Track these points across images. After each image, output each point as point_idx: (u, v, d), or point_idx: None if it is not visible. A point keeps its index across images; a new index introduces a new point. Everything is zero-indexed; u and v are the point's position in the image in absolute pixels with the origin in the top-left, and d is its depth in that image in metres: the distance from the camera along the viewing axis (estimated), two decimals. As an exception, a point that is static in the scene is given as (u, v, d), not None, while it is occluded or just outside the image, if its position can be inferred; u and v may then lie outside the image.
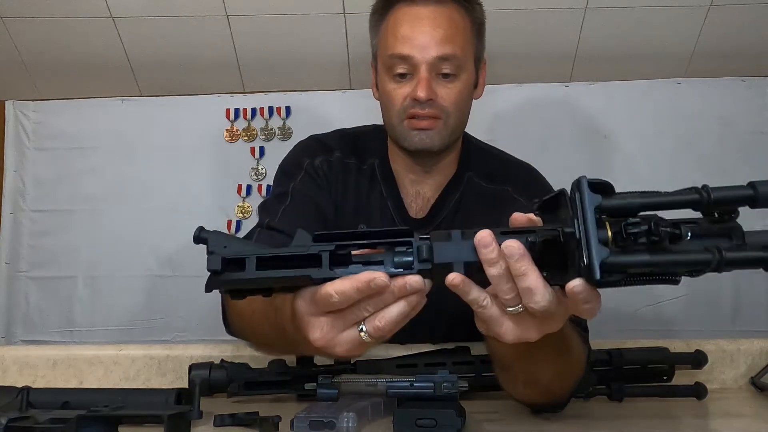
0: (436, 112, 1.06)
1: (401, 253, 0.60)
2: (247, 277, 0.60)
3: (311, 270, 0.59)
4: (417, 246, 0.59)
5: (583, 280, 0.54)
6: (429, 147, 1.08)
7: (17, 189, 2.09)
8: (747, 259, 0.53)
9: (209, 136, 2.07)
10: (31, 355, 1.12)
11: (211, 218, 2.04)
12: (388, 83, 1.09)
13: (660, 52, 1.95)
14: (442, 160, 1.15)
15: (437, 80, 1.06)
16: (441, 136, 1.08)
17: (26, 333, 2.05)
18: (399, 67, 1.07)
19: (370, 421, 0.80)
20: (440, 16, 1.06)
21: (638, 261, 0.52)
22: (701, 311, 1.94)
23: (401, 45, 1.05)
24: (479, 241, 0.57)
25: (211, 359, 1.00)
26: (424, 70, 1.05)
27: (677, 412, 0.91)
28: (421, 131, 1.07)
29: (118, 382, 1.08)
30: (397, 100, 1.08)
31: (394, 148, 1.17)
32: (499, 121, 2.02)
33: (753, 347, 1.08)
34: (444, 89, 1.06)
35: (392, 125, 1.11)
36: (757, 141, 1.99)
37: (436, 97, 1.05)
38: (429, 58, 1.04)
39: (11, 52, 1.97)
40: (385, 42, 1.09)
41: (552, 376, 0.80)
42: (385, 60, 1.09)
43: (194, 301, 1.97)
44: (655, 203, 0.53)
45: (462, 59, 1.07)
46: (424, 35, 1.05)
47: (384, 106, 1.13)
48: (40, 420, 0.74)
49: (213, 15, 1.87)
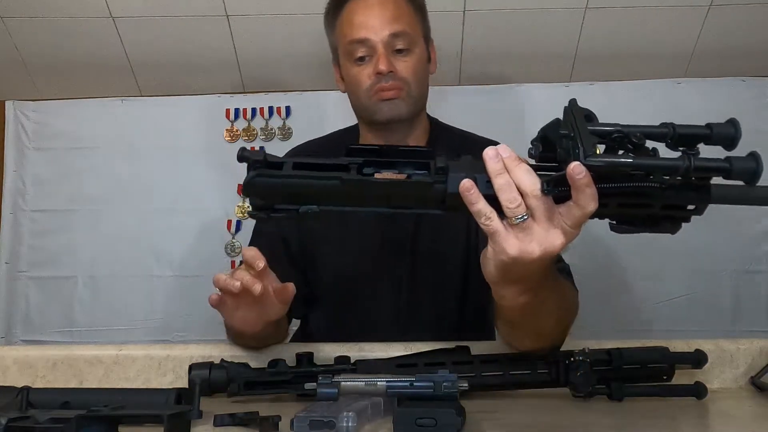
0: (398, 84, 1.21)
1: (420, 176, 0.66)
2: (283, 174, 0.66)
3: (342, 173, 0.65)
4: (436, 166, 0.65)
5: (580, 162, 0.60)
6: (398, 115, 1.22)
7: (17, 189, 2.10)
8: (711, 167, 0.60)
9: (209, 136, 2.07)
10: (31, 355, 1.12)
11: (211, 218, 2.04)
12: (351, 68, 1.24)
13: (660, 52, 1.95)
14: (412, 133, 1.28)
15: (394, 56, 1.21)
16: (407, 103, 1.22)
17: (26, 333, 2.05)
18: (359, 51, 1.22)
19: (370, 420, 0.80)
20: (386, 2, 1.22)
21: (622, 162, 0.60)
22: (701, 311, 1.94)
23: (357, 31, 1.21)
24: (486, 154, 0.66)
25: (211, 359, 1.00)
26: (381, 47, 1.20)
27: (677, 411, 0.91)
28: (389, 101, 1.21)
29: (118, 382, 1.08)
30: (363, 80, 1.22)
31: (366, 132, 1.30)
32: (499, 121, 2.02)
33: (753, 347, 1.08)
34: (401, 63, 1.21)
35: (362, 104, 1.25)
36: (757, 141, 1.95)
37: (396, 69, 1.20)
38: (383, 36, 1.20)
39: (11, 52, 1.97)
40: (342, 33, 1.24)
41: (554, 325, 0.90)
42: (345, 48, 1.24)
43: (194, 301, 1.98)
44: (631, 131, 0.61)
45: (412, 35, 1.23)
46: (376, 18, 1.21)
47: (352, 90, 1.26)
48: (40, 420, 0.74)
49: (213, 15, 1.87)
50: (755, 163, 0.61)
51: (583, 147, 0.59)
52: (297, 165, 0.66)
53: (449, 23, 1.87)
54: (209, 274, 1.29)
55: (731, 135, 0.62)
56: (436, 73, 1.57)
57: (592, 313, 1.95)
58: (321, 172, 0.66)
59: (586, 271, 1.91)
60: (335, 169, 0.66)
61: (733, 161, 0.61)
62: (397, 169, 0.67)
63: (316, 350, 1.02)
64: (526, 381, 0.96)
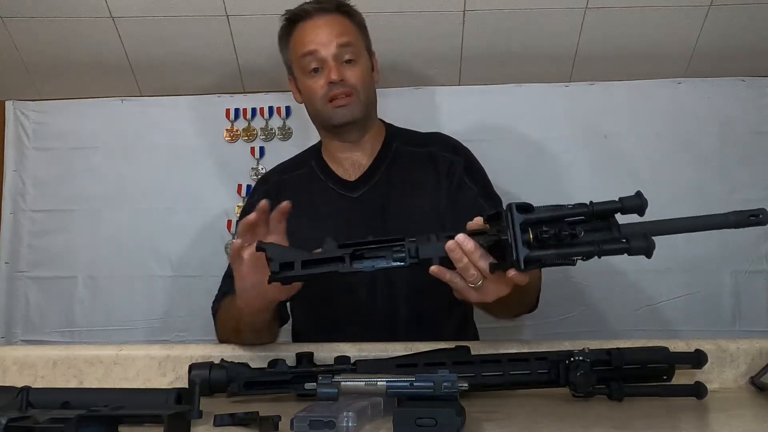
0: (348, 90, 1.35)
1: (398, 251, 0.89)
2: (296, 273, 0.89)
3: (338, 266, 0.89)
4: (408, 247, 0.89)
5: (515, 270, 0.82)
6: (351, 118, 1.37)
7: (17, 189, 2.09)
8: (615, 249, 0.79)
9: (209, 136, 2.07)
10: (31, 355, 1.12)
11: (211, 218, 2.04)
12: (305, 80, 1.39)
13: (660, 52, 1.95)
14: (366, 133, 1.43)
15: (343, 66, 1.36)
16: (358, 107, 1.37)
17: (26, 333, 2.05)
18: (312, 64, 1.36)
19: (370, 420, 0.80)
20: (333, 20, 1.38)
21: (548, 254, 0.80)
22: (701, 311, 1.94)
23: (308, 45, 1.36)
24: (449, 247, 0.88)
25: (211, 359, 1.00)
26: (330, 59, 1.35)
27: (677, 411, 0.91)
28: (342, 107, 1.36)
29: (118, 382, 1.08)
30: (317, 89, 1.37)
31: (325, 140, 1.46)
32: (499, 121, 2.02)
33: (753, 347, 1.08)
34: (349, 71, 1.36)
35: (318, 111, 1.39)
36: (757, 141, 1.99)
37: (346, 77, 1.35)
38: (332, 48, 1.35)
39: (11, 52, 1.97)
40: (296, 49, 1.39)
41: (523, 305, 1.19)
42: (299, 62, 1.38)
43: (194, 301, 1.97)
44: (558, 216, 0.81)
45: (357, 47, 1.39)
46: (325, 34, 1.36)
47: (308, 100, 1.41)
48: (40, 420, 0.74)
49: (213, 15, 1.87)
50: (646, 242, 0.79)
51: (517, 259, 0.80)
52: (305, 263, 0.89)
53: (449, 23, 1.87)
54: (209, 275, 1.30)
55: (638, 204, 0.80)
56: (436, 73, 1.57)
57: (592, 313, 1.96)
58: (322, 267, 0.89)
59: (587, 272, 1.92)
60: (334, 260, 0.89)
61: (624, 200, 0.81)
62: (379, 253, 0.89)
63: (316, 350, 1.02)
64: (526, 381, 0.96)
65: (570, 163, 1.99)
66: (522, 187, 1.83)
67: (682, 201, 1.95)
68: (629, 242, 0.79)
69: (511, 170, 1.90)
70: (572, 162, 1.99)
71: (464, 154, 1.43)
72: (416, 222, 1.32)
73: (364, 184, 1.39)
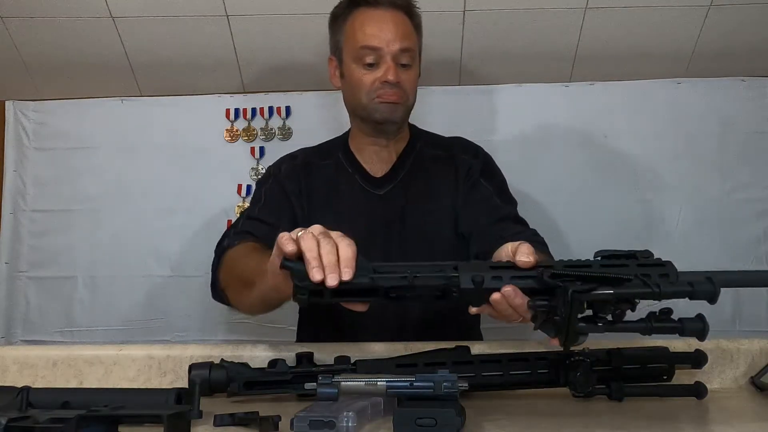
0: (399, 92, 1.33)
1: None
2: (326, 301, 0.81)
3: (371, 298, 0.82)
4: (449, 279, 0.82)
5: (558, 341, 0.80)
6: (394, 118, 1.35)
7: (17, 189, 2.09)
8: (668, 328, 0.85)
9: (209, 136, 2.07)
10: (31, 355, 1.12)
11: (211, 218, 2.04)
12: (357, 70, 1.34)
13: (660, 52, 1.95)
14: (399, 134, 1.43)
15: (399, 68, 1.33)
16: (403, 110, 1.37)
17: (26, 333, 2.05)
18: (368, 58, 1.32)
19: (370, 420, 0.80)
20: (398, 18, 1.34)
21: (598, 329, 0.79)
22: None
23: (370, 39, 1.31)
24: (494, 300, 0.82)
25: (211, 359, 1.00)
26: (390, 59, 1.31)
27: (677, 411, 0.91)
28: (391, 104, 1.34)
29: (118, 382, 1.08)
30: (368, 83, 1.33)
31: (356, 131, 1.44)
32: (499, 121, 2.02)
33: (753, 347, 1.08)
34: (405, 75, 1.34)
35: (361, 104, 1.36)
36: (757, 141, 1.99)
37: (401, 80, 1.33)
38: (394, 50, 1.31)
39: (11, 52, 1.97)
40: (355, 36, 1.33)
41: None
42: (354, 51, 1.33)
43: (194, 301, 1.97)
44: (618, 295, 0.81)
45: (415, 52, 1.36)
46: (390, 32, 1.31)
47: (352, 90, 1.37)
48: (40, 420, 0.74)
49: (213, 15, 1.87)
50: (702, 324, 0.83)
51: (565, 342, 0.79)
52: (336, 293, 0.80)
53: (449, 23, 1.87)
54: (209, 275, 1.30)
55: (701, 329, 0.85)
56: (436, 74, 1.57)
57: (592, 313, 1.96)
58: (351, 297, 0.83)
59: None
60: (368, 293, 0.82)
61: (685, 323, 0.84)
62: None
63: (316, 350, 1.02)
64: (526, 381, 0.96)
65: (570, 163, 1.99)
66: (522, 187, 1.83)
67: (682, 201, 1.95)
68: (683, 324, 0.82)
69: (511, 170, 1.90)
70: (572, 162, 1.99)
71: (483, 157, 1.45)
72: (432, 225, 1.35)
73: (389, 183, 1.40)
